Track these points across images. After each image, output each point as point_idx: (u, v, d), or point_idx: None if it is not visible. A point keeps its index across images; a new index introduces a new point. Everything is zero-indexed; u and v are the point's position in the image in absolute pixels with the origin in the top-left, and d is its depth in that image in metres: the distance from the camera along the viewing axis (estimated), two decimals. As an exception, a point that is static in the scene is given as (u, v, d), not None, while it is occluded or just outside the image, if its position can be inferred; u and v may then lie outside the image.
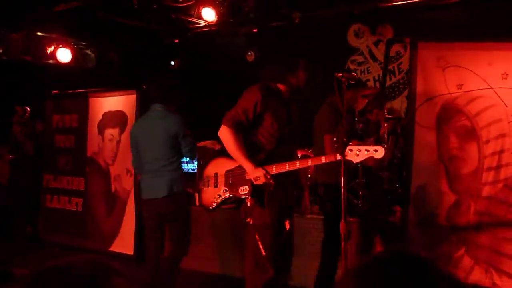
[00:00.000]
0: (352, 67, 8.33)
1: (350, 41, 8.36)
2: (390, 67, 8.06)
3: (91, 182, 8.50)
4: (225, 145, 4.52)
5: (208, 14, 7.74)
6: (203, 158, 7.90)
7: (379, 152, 4.03)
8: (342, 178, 4.13)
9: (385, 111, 6.79)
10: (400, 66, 7.98)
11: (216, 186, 4.73)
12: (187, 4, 7.74)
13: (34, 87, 9.38)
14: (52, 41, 8.44)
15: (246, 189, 4.44)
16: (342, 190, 4.12)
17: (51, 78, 9.14)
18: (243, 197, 4.46)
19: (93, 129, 8.55)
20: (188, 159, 7.14)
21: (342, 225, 4.13)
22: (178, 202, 5.67)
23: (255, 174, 4.33)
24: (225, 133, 4.48)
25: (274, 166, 4.35)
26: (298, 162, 4.40)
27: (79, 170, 8.65)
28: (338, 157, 4.14)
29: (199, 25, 8.68)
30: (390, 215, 6.20)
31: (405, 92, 7.94)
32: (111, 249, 8.06)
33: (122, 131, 8.13)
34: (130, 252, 7.80)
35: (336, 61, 8.29)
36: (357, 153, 4.05)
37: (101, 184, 8.36)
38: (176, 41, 9.43)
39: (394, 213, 6.25)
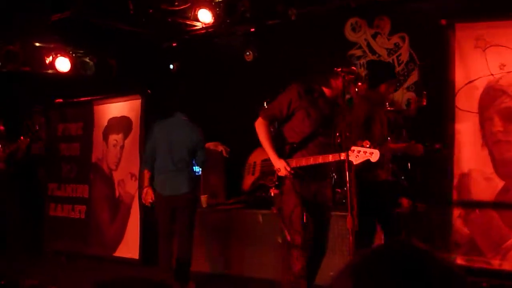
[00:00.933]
0: (351, 61, 8.30)
1: (348, 35, 8.34)
2: (389, 59, 8.04)
3: (95, 189, 8.53)
4: (258, 135, 4.78)
5: (205, 16, 7.74)
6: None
7: (374, 155, 4.08)
8: (347, 173, 4.13)
9: (387, 103, 6.78)
10: (399, 58, 7.96)
11: (253, 174, 5.02)
12: (183, 7, 7.75)
13: (35, 97, 9.39)
14: (50, 50, 8.45)
15: (273, 179, 4.64)
16: (348, 185, 4.12)
17: (52, 87, 9.15)
18: (270, 186, 4.65)
19: (98, 135, 8.62)
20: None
21: (349, 219, 4.13)
22: (193, 198, 6.45)
23: (277, 165, 4.57)
24: (258, 124, 4.78)
25: (294, 160, 4.55)
26: (312, 158, 4.48)
27: (84, 177, 8.69)
28: (343, 156, 4.16)
29: (196, 28, 8.67)
30: (397, 207, 6.19)
31: (405, 84, 7.92)
32: (115, 254, 8.08)
33: (126, 136, 8.17)
34: (136, 256, 7.80)
35: (335, 56, 8.25)
36: (357, 155, 4.13)
37: (105, 190, 8.40)
38: (174, 44, 9.43)
39: (400, 205, 6.24)
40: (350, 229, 4.12)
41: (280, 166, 4.53)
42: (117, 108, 8.47)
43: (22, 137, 7.56)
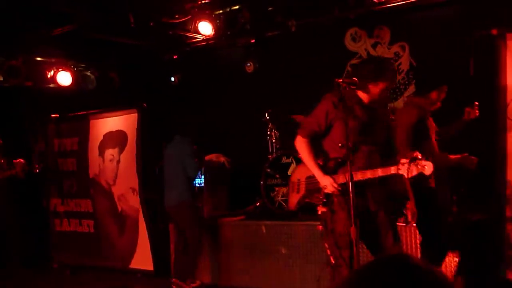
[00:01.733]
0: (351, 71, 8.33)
1: (348, 46, 8.36)
2: (390, 68, 8.06)
3: (98, 204, 8.53)
4: (300, 154, 4.63)
5: (205, 28, 7.77)
6: (209, 172, 7.97)
7: (427, 168, 3.93)
8: (350, 182, 4.12)
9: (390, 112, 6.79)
10: (399, 67, 7.98)
11: (298, 192, 4.82)
12: (183, 19, 7.79)
13: (33, 111, 9.41)
14: (51, 65, 8.49)
15: (320, 196, 4.47)
16: (351, 195, 4.11)
17: (52, 102, 9.18)
18: (317, 203, 4.46)
19: (93, 151, 8.60)
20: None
21: (352, 230, 4.12)
22: (184, 208, 6.95)
23: (323, 182, 4.38)
24: (298, 143, 4.54)
25: (341, 176, 4.32)
26: (359, 173, 4.25)
27: (85, 192, 8.69)
28: (394, 171, 4.09)
29: (196, 40, 8.71)
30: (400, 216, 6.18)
31: (406, 93, 7.94)
32: (131, 266, 8.11)
33: (121, 151, 8.16)
34: (150, 268, 7.84)
35: (335, 67, 8.29)
36: (408, 167, 3.98)
37: (107, 205, 8.40)
38: (175, 57, 9.46)
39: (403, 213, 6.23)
40: (354, 239, 4.11)
41: (327, 183, 4.33)
42: (113, 123, 8.45)
43: (18, 160, 7.42)
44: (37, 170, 7.60)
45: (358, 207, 4.22)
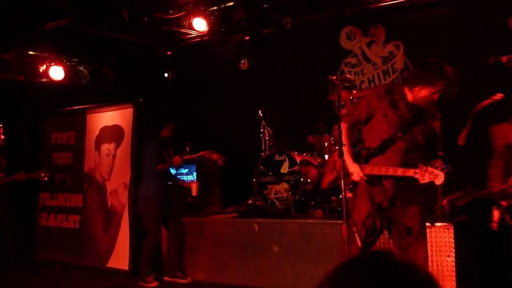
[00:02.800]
0: (346, 69, 8.32)
1: (343, 44, 8.35)
2: (384, 67, 8.06)
3: (88, 198, 8.45)
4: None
5: (200, 24, 7.73)
6: (202, 169, 7.96)
7: (439, 178, 4.04)
8: (342, 181, 4.12)
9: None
10: (394, 66, 7.98)
11: (331, 173, 5.01)
12: (178, 15, 7.74)
13: (28, 106, 9.35)
14: (44, 59, 8.43)
15: (349, 181, 4.51)
16: (343, 193, 4.11)
17: (48, 96, 9.12)
18: (346, 188, 4.45)
19: (90, 145, 8.53)
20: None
21: (344, 228, 4.11)
22: (147, 202, 7.15)
23: (351, 169, 4.44)
24: (341, 127, 4.50)
25: (368, 167, 4.43)
26: (383, 168, 4.34)
27: (77, 187, 8.62)
28: (411, 173, 4.16)
29: (191, 36, 8.68)
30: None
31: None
32: (108, 265, 7.99)
33: (118, 146, 8.11)
34: (125, 267, 7.71)
35: (329, 65, 8.28)
36: (423, 173, 4.08)
37: (97, 200, 8.32)
38: (168, 53, 9.43)
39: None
40: (345, 238, 4.10)
41: (354, 171, 4.40)
42: (109, 117, 8.40)
43: (23, 173, 7.40)
44: (45, 178, 7.54)
45: (378, 198, 4.39)
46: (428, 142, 4.47)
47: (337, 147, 4.42)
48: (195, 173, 8.02)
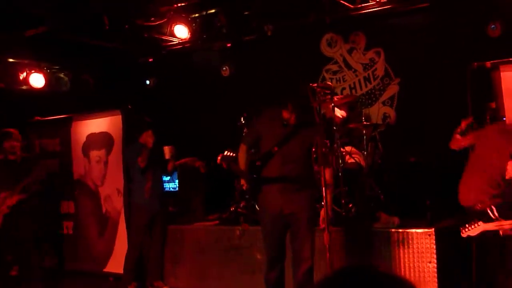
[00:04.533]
0: (327, 76, 8.36)
1: (324, 51, 8.39)
2: (365, 74, 8.11)
3: (81, 205, 8.44)
4: None
5: (181, 32, 7.73)
6: (184, 176, 7.92)
7: None
8: (324, 188, 4.13)
9: (363, 118, 6.82)
10: (375, 73, 8.03)
11: None
12: (159, 22, 7.72)
13: (11, 114, 9.24)
14: (24, 66, 8.35)
15: None
16: (325, 200, 4.11)
17: (26, 103, 9.03)
18: None
19: (77, 152, 8.52)
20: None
21: (326, 235, 4.12)
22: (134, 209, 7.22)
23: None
24: None
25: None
26: None
27: (67, 193, 8.57)
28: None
29: (172, 43, 8.67)
30: (375, 222, 6.20)
31: (381, 98, 7.99)
32: (105, 270, 7.99)
33: (108, 152, 8.11)
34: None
35: (311, 71, 8.32)
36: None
37: (91, 206, 8.34)
38: (150, 60, 9.40)
39: (378, 219, 6.24)
40: (327, 245, 4.11)
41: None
42: (95, 124, 8.39)
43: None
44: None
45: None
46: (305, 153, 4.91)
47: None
48: (177, 181, 7.98)
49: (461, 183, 5.29)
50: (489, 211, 4.74)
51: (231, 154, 5.23)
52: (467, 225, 4.73)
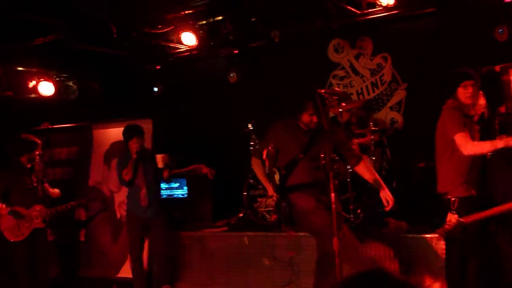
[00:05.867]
0: (334, 82, 8.36)
1: (331, 57, 8.39)
2: (372, 79, 8.11)
3: (93, 211, 8.46)
4: None
5: (188, 39, 7.76)
6: (192, 183, 7.93)
7: None
8: (332, 194, 4.12)
9: (371, 123, 6.81)
10: (382, 78, 8.02)
11: None
12: (166, 30, 7.77)
13: (18, 122, 9.29)
14: (33, 75, 8.39)
15: None
16: (334, 206, 4.10)
17: (35, 111, 9.08)
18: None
19: (97, 159, 8.60)
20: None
21: (335, 241, 4.10)
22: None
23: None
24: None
25: None
26: None
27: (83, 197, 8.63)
28: None
29: (179, 50, 8.69)
30: (383, 227, 6.19)
31: (389, 104, 7.98)
32: (119, 275, 8.01)
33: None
34: None
35: (318, 77, 8.32)
36: None
37: (105, 212, 8.35)
38: (157, 67, 9.43)
39: (387, 225, 6.23)
40: (336, 251, 4.10)
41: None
42: (119, 132, 8.46)
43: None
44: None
45: None
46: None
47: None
48: (185, 187, 7.99)
49: None
50: None
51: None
52: None
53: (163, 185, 7.77)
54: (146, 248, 7.25)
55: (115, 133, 8.48)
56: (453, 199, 4.69)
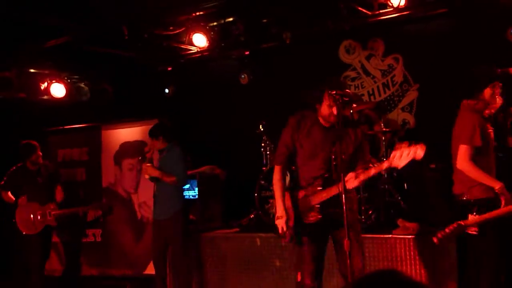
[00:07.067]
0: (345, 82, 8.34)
1: (342, 58, 8.38)
2: (384, 80, 8.09)
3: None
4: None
5: (199, 40, 7.77)
6: (203, 184, 7.94)
7: (419, 152, 4.15)
8: (344, 195, 4.11)
9: (382, 124, 6.80)
10: (393, 79, 8.00)
11: None
12: (177, 31, 7.79)
13: (31, 124, 9.36)
14: (45, 77, 8.46)
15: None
16: (344, 207, 4.10)
17: (47, 113, 9.16)
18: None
19: (107, 160, 8.70)
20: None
21: (346, 242, 4.10)
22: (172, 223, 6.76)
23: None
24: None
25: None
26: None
27: (94, 201, 8.67)
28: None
29: (191, 52, 8.72)
30: (394, 228, 6.17)
31: (400, 105, 7.96)
32: (145, 272, 8.09)
33: (142, 160, 8.20)
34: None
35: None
36: (399, 158, 4.15)
37: (123, 212, 8.49)
38: (169, 68, 9.46)
39: (398, 226, 6.21)
40: (347, 251, 4.10)
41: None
42: (129, 133, 8.56)
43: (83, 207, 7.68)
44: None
45: None
46: (351, 155, 4.60)
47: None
48: (196, 189, 8.01)
49: None
50: None
51: None
52: None
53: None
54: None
55: (124, 134, 8.55)
56: (472, 200, 4.68)
